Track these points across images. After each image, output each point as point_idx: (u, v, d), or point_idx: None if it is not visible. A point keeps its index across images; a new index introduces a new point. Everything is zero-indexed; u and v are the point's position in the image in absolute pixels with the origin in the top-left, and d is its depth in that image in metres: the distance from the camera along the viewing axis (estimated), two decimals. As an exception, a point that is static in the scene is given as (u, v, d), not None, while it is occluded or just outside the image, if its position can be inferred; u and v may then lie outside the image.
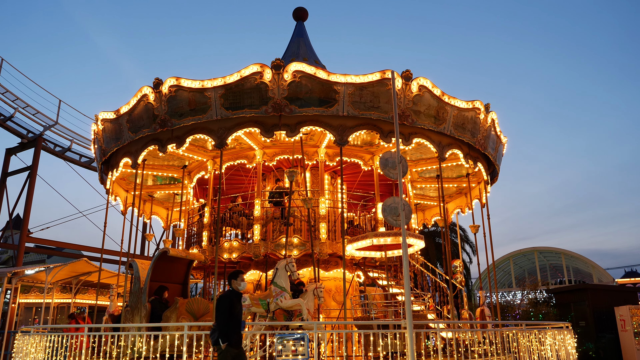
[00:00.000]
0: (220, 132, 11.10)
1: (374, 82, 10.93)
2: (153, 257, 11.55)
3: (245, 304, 10.11)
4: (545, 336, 10.70)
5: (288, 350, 8.13)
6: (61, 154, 26.69)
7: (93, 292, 21.31)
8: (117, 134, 12.47)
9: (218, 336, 6.40)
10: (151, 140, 11.87)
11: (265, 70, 10.61)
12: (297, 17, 18.62)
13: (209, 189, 13.97)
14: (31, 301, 19.73)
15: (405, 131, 11.56)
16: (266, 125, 10.98)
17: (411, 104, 11.27)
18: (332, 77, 10.75)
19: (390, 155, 7.48)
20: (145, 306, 10.93)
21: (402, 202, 7.19)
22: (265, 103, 10.72)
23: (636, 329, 10.73)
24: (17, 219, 30.01)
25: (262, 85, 10.67)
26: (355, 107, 10.90)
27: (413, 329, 9.06)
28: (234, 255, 12.67)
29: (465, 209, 17.60)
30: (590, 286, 15.59)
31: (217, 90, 10.84)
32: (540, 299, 19.02)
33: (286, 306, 10.04)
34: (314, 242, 12.44)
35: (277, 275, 10.23)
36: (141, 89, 11.60)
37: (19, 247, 22.79)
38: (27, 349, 11.17)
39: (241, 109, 10.83)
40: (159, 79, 11.27)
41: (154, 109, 11.40)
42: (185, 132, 11.41)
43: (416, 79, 11.27)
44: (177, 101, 11.14)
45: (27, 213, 23.62)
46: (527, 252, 38.69)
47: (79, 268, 19.18)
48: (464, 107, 12.14)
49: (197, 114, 11.08)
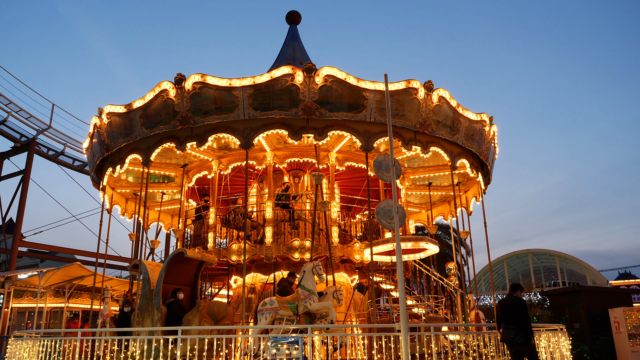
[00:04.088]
0: (246, 133, 10.94)
1: (399, 91, 11.22)
2: (166, 258, 11.14)
3: (273, 306, 10.01)
4: (539, 338, 10.88)
5: (282, 354, 8.16)
6: (54, 158, 26.57)
7: (86, 297, 21.21)
8: (126, 129, 11.93)
9: (526, 334, 7.74)
10: (167, 137, 11.49)
11: (297, 72, 10.61)
12: (290, 20, 18.63)
13: (214, 189, 13.64)
14: (24, 306, 19.76)
15: (424, 139, 11.91)
16: (294, 128, 10.95)
17: (431, 114, 11.66)
18: (362, 84, 10.92)
19: (384, 158, 7.75)
20: (160, 309, 10.52)
21: (396, 205, 7.35)
22: (295, 105, 10.70)
23: (630, 330, 11.50)
24: (10, 223, 29.86)
25: (292, 87, 10.65)
26: (381, 114, 11.12)
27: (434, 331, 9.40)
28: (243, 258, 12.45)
29: (449, 216, 18.29)
30: (584, 288, 15.77)
31: (245, 90, 10.70)
32: (534, 301, 19.38)
33: (314, 309, 10.03)
34: (325, 245, 12.51)
35: (304, 278, 10.21)
36: (160, 83, 11.20)
37: (12, 252, 22.69)
38: (20, 354, 10.84)
39: (270, 110, 10.75)
40: (181, 74, 10.94)
41: (175, 105, 11.05)
42: (207, 131, 11.15)
43: (436, 90, 11.67)
44: (201, 98, 10.87)
45: (20, 217, 23.51)
46: (521, 254, 38.66)
47: (72, 272, 19.11)
48: (474, 119, 12.70)
49: (222, 112, 10.87)
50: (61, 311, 20.32)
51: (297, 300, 10.10)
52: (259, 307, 10.08)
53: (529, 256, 38.56)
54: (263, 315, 9.96)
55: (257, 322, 10.04)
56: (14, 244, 22.76)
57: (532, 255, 38.52)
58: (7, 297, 18.43)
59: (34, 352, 10.45)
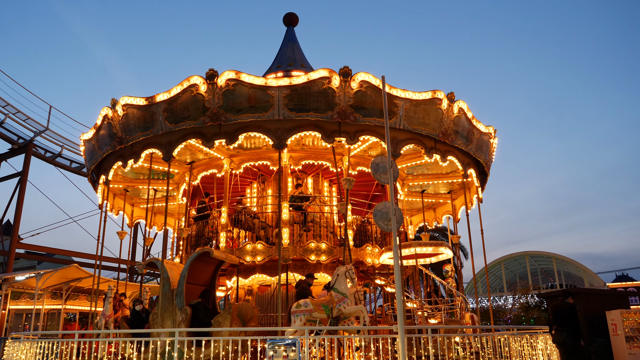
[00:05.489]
0: (279, 133, 10.87)
1: (425, 101, 11.58)
2: (189, 257, 10.82)
3: (308, 308, 10.00)
4: (537, 341, 10.94)
5: (279, 356, 8.31)
6: (52, 160, 26.77)
7: (83, 298, 21.27)
8: (146, 122, 11.48)
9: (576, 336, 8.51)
10: (193, 134, 11.18)
11: (334, 76, 10.69)
12: (288, 22, 18.67)
13: (225, 189, 13.37)
14: (21, 307, 19.80)
15: (443, 148, 12.34)
16: (327, 131, 11.02)
17: (452, 124, 12.11)
18: (393, 91, 11.16)
19: (381, 160, 7.90)
20: (184, 310, 10.22)
21: (393, 207, 7.52)
22: (331, 108, 10.78)
23: (628, 333, 12.25)
24: (7, 225, 29.68)
25: (329, 90, 10.73)
26: (409, 121, 11.43)
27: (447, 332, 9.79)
28: (258, 259, 12.33)
29: (434, 222, 18.91)
30: (581, 290, 15.75)
31: (281, 90, 10.65)
32: (531, 304, 19.66)
33: (349, 312, 10.12)
34: (339, 248, 12.63)
35: (337, 281, 10.27)
36: (189, 78, 10.89)
37: (9, 253, 22.83)
38: (18, 356, 10.60)
39: (306, 111, 10.76)
40: (213, 69, 10.72)
41: (205, 100, 10.79)
42: (238, 129, 10.97)
43: (457, 102, 12.13)
44: (234, 96, 10.69)
45: (18, 219, 23.56)
46: (518, 256, 38.80)
47: (70, 274, 19.18)
48: (484, 131, 13.31)
49: (257, 111, 10.74)
50: (58, 313, 20.28)
51: (332, 303, 10.14)
52: (293, 309, 10.03)
53: (526, 258, 38.61)
54: (297, 317, 9.92)
55: (290, 323, 9.98)
56: (12, 246, 22.93)
57: (529, 258, 38.51)
58: (5, 298, 18.56)
59: (31, 353, 10.28)
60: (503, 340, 10.43)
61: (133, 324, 11.14)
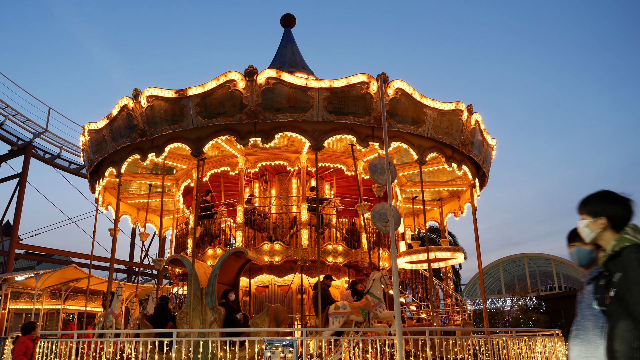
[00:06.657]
0: (316, 135, 10.90)
1: (449, 111, 12.05)
2: (221, 256, 10.58)
3: (346, 311, 10.12)
4: (535, 343, 10.90)
5: (277, 357, 8.60)
6: (51, 161, 27.08)
7: (82, 299, 21.15)
8: (174, 116, 11.10)
9: None
10: (226, 130, 10.94)
11: (372, 81, 10.88)
12: (285, 23, 18.62)
13: (241, 188, 13.14)
14: (21, 307, 20.02)
15: (458, 157, 12.87)
16: (361, 135, 11.18)
17: (469, 135, 12.68)
18: (424, 100, 11.54)
19: (379, 161, 7.82)
20: (217, 310, 9.99)
21: (391, 208, 7.40)
22: (368, 113, 10.96)
23: None
24: (7, 226, 29.40)
25: (367, 95, 10.91)
26: (435, 130, 11.85)
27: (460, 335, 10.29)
28: (276, 259, 12.26)
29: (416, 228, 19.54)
30: None
31: (321, 92, 10.70)
32: (530, 306, 19.91)
33: (384, 317, 10.37)
34: (354, 251, 12.83)
35: (373, 286, 10.50)
36: (226, 73, 10.69)
37: (9, 254, 23.05)
38: None
39: (344, 115, 10.88)
40: (253, 66, 10.59)
41: (243, 97, 10.62)
42: (273, 128, 10.88)
43: (474, 114, 12.72)
44: (274, 94, 10.61)
45: (17, 220, 23.78)
46: (517, 258, 38.17)
47: (69, 274, 19.26)
48: (490, 143, 14.03)
49: (296, 111, 10.72)
50: (57, 313, 20.32)
51: (368, 307, 10.34)
52: (331, 310, 10.11)
53: (525, 260, 38.17)
54: (336, 318, 10.02)
55: (328, 324, 10.04)
56: (11, 246, 23.20)
57: (528, 259, 38.11)
58: (4, 298, 18.76)
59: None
60: (501, 343, 10.50)
61: (156, 322, 10.71)
